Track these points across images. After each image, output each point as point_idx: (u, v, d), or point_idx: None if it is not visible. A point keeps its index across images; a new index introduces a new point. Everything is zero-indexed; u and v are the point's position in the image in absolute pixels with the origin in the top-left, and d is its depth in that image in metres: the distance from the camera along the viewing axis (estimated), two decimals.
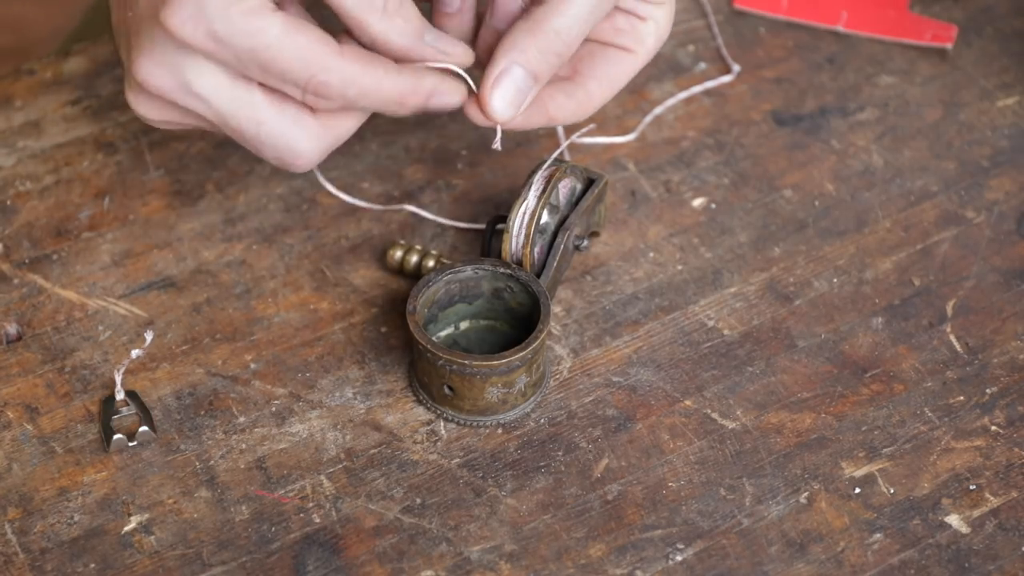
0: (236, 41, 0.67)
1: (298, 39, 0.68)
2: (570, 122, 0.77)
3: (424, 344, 0.73)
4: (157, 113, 0.72)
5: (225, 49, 0.67)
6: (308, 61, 0.68)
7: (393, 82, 0.70)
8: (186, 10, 0.66)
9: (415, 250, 0.80)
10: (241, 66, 0.68)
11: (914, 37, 0.95)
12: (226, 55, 0.68)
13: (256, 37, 0.67)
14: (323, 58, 0.68)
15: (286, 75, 0.68)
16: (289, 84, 0.69)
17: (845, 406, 0.77)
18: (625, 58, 0.78)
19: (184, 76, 0.69)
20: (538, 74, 0.73)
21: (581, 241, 0.79)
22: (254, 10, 0.67)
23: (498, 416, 0.75)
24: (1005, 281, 0.82)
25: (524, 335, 0.76)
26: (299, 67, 0.68)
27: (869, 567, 0.71)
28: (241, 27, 0.67)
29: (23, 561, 0.70)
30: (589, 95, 0.78)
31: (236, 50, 0.67)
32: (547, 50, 0.73)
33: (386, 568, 0.70)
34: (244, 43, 0.67)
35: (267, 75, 0.68)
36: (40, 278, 0.81)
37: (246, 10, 0.67)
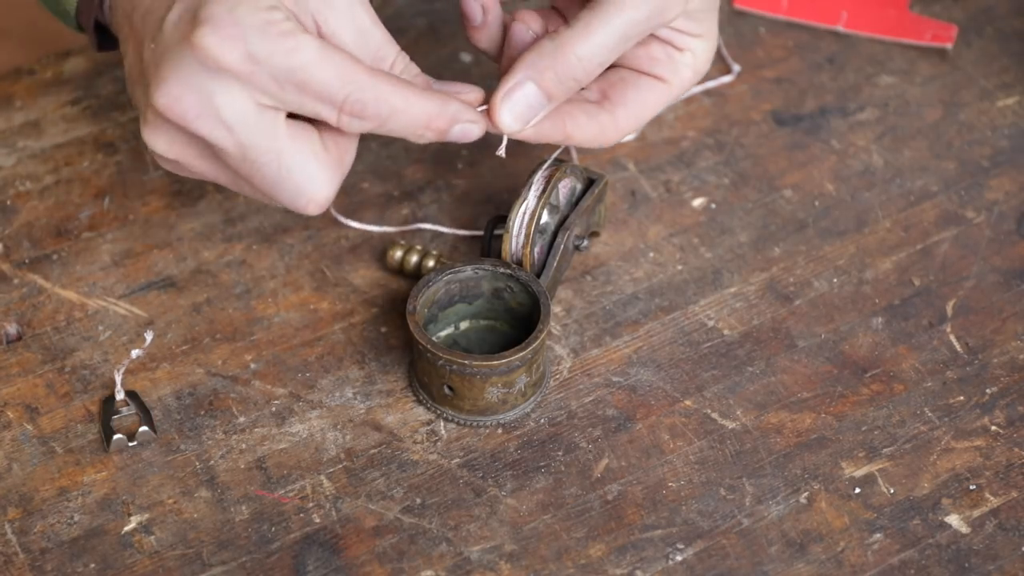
0: (274, 60, 0.67)
1: (335, 57, 0.68)
2: (590, 145, 0.76)
3: (424, 344, 0.73)
4: (174, 149, 0.71)
5: (262, 70, 0.67)
6: (345, 79, 0.68)
7: (423, 103, 0.70)
8: (223, 30, 0.67)
9: (415, 250, 0.80)
10: (276, 87, 0.68)
11: (914, 37, 0.95)
12: (262, 76, 0.68)
13: (294, 56, 0.67)
14: (359, 76, 0.69)
15: (323, 93, 0.68)
16: (325, 104, 0.69)
17: (845, 406, 0.77)
18: (657, 87, 0.77)
19: (211, 101, 0.68)
20: (552, 94, 0.73)
21: (581, 241, 0.79)
22: (290, 31, 0.68)
23: (498, 416, 0.75)
24: (1005, 281, 0.82)
25: (524, 335, 0.76)
26: (337, 85, 0.68)
27: (869, 567, 0.71)
28: (279, 46, 0.67)
29: (23, 561, 0.70)
30: (615, 121, 0.77)
31: (274, 70, 0.67)
32: (565, 74, 0.72)
33: (386, 568, 0.70)
34: (282, 62, 0.67)
35: (303, 95, 0.68)
36: (40, 278, 0.81)
37: (283, 31, 0.67)
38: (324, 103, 0.69)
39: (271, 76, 0.67)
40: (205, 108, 0.68)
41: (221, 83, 0.68)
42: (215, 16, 0.67)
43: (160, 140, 0.70)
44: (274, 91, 0.68)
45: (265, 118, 0.69)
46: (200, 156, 0.71)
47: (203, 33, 0.67)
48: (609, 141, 0.77)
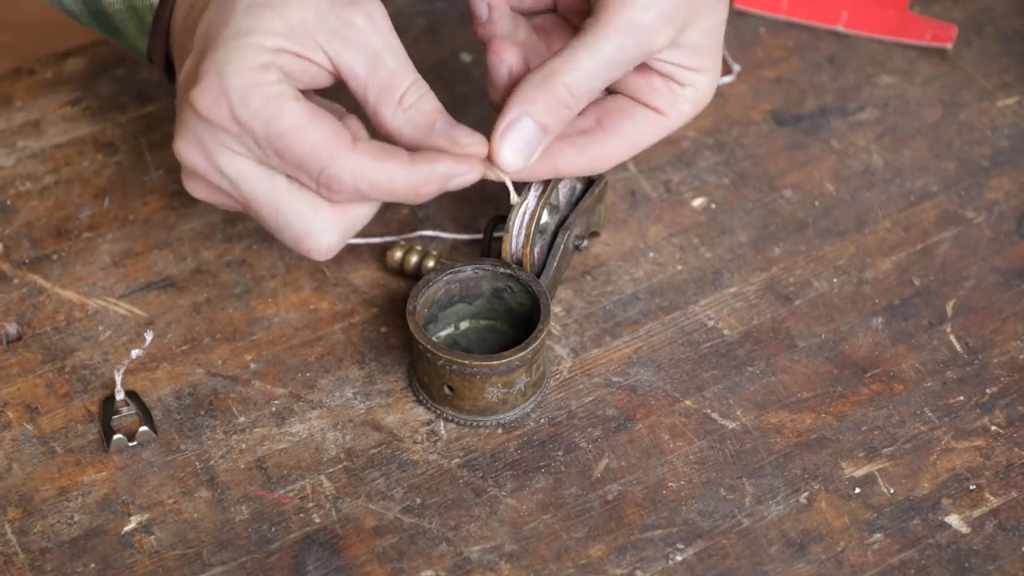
0: (255, 125, 0.68)
1: (311, 131, 0.68)
2: (582, 175, 0.77)
3: (424, 344, 0.73)
4: (203, 193, 0.72)
5: (245, 132, 0.68)
6: (319, 154, 0.69)
7: (406, 175, 0.70)
8: (212, 92, 0.68)
9: (415, 250, 0.80)
10: (259, 150, 0.69)
11: (914, 37, 0.95)
12: (247, 138, 0.69)
13: (272, 123, 0.68)
14: (334, 152, 0.69)
15: (299, 164, 0.69)
16: (303, 173, 0.70)
17: (845, 406, 0.77)
18: (654, 119, 0.77)
19: (212, 156, 0.70)
20: (547, 126, 0.72)
21: (581, 241, 0.79)
22: (274, 96, 0.68)
23: (498, 416, 0.75)
24: (1005, 281, 0.82)
25: (524, 335, 0.76)
26: (311, 159, 0.69)
27: (869, 567, 0.71)
28: (259, 111, 0.68)
29: (23, 561, 0.70)
30: (606, 151, 0.76)
31: (255, 134, 0.68)
32: (556, 103, 0.72)
33: (386, 568, 0.70)
34: (261, 128, 0.68)
35: (283, 162, 0.69)
36: (40, 278, 0.81)
37: (267, 95, 0.68)
38: (302, 172, 0.69)
39: (254, 139, 0.69)
40: (208, 162, 0.70)
41: (219, 139, 0.69)
42: (205, 76, 0.68)
43: (190, 184, 0.72)
44: (258, 153, 0.69)
45: (263, 173, 0.70)
46: (228, 199, 0.72)
47: (195, 94, 0.68)
48: (600, 170, 0.77)
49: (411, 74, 0.71)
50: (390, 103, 0.70)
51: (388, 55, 0.70)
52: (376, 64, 0.70)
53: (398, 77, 0.70)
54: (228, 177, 0.70)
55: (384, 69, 0.70)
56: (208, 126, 0.69)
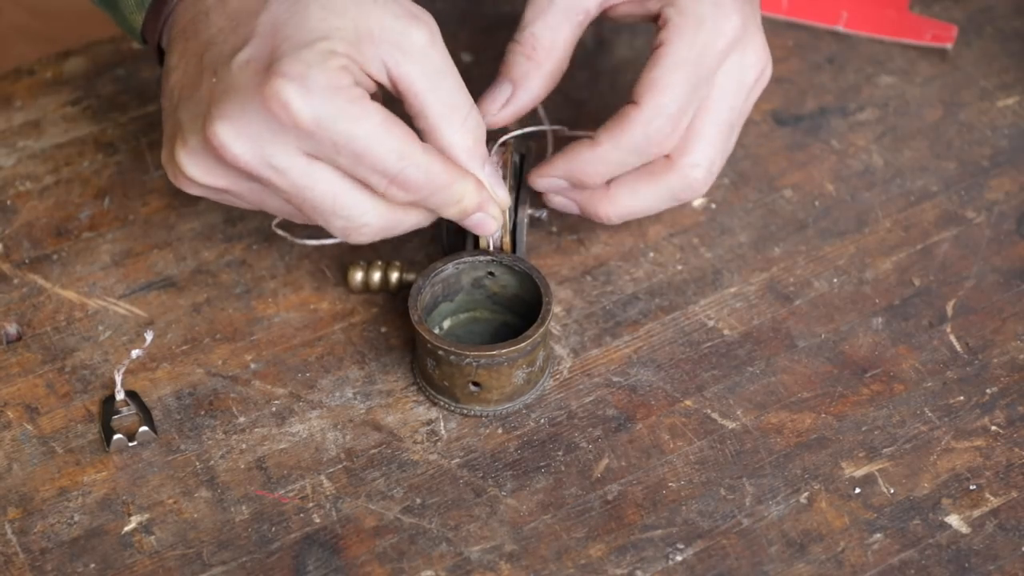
0: (339, 126, 0.69)
1: (395, 130, 0.70)
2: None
3: (446, 348, 0.73)
4: (209, 178, 0.72)
5: (325, 132, 0.69)
6: (403, 152, 0.70)
7: (463, 184, 0.73)
8: (296, 90, 0.68)
9: (376, 266, 0.80)
10: (334, 150, 0.70)
11: (914, 37, 0.94)
12: (323, 137, 0.69)
13: (358, 123, 0.69)
14: (415, 151, 0.71)
15: (378, 164, 0.70)
16: (377, 174, 0.71)
17: (845, 406, 0.77)
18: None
19: (264, 149, 0.70)
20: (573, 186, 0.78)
21: (541, 213, 0.80)
22: (357, 99, 0.69)
23: (524, 398, 0.75)
24: (1005, 281, 0.82)
25: (509, 316, 0.77)
26: (393, 158, 0.70)
27: (869, 567, 0.71)
28: (345, 112, 0.69)
29: (23, 561, 0.70)
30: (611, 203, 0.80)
31: (335, 134, 0.69)
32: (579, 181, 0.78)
33: (386, 568, 0.70)
34: (345, 128, 0.69)
35: (358, 162, 0.70)
36: (40, 278, 0.81)
37: (351, 97, 0.69)
38: (377, 173, 0.71)
39: (332, 139, 0.69)
40: (258, 154, 0.70)
41: (278, 135, 0.69)
42: (292, 73, 0.68)
43: (198, 167, 0.72)
44: (330, 153, 0.70)
45: (316, 164, 0.71)
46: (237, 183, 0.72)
47: (278, 87, 0.68)
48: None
49: (469, 97, 0.73)
50: (453, 123, 0.72)
51: (449, 74, 0.72)
52: (437, 81, 0.72)
53: (459, 97, 0.72)
54: (278, 169, 0.70)
55: (445, 87, 0.72)
56: (276, 124, 0.69)
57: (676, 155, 0.77)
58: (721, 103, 0.77)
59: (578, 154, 0.77)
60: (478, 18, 0.95)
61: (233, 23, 0.71)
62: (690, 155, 0.77)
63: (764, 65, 0.79)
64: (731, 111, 0.78)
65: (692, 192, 0.78)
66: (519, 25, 0.79)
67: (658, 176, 0.78)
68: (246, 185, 0.72)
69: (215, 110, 0.70)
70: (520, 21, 0.79)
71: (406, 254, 0.83)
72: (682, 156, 0.77)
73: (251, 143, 0.69)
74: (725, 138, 0.78)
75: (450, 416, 0.76)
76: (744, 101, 0.78)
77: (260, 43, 0.70)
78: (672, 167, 0.77)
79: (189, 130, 0.71)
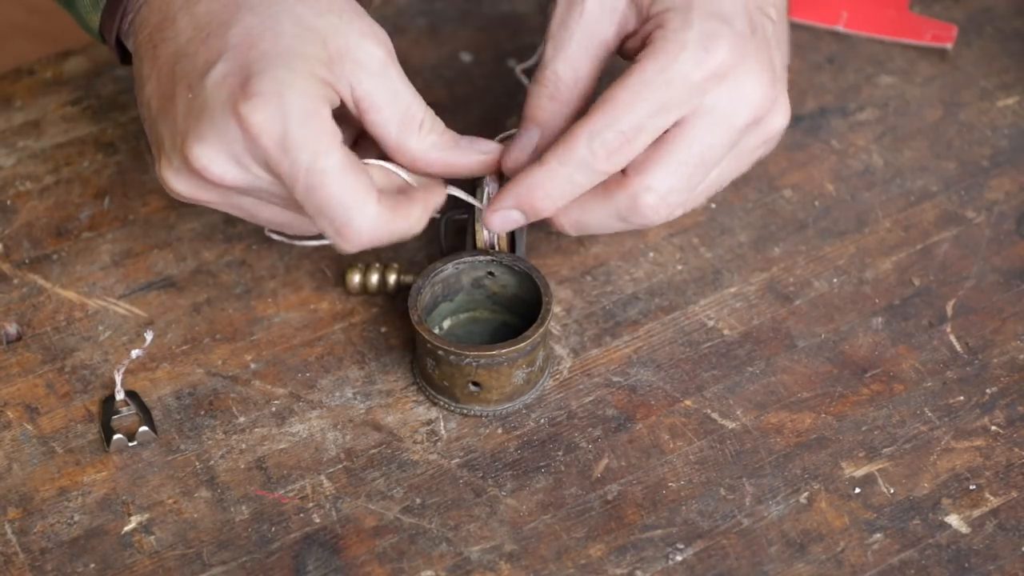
0: (301, 155, 0.68)
1: (352, 177, 0.69)
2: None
3: (446, 348, 0.73)
4: (198, 193, 0.72)
5: (286, 157, 0.68)
6: (350, 203, 0.69)
7: (411, 220, 0.72)
8: (268, 110, 0.68)
9: (374, 268, 0.80)
10: (291, 179, 0.69)
11: (914, 37, 0.94)
12: (283, 163, 0.69)
13: (319, 159, 0.69)
14: (365, 204, 0.70)
15: (326, 208, 0.69)
16: (325, 219, 0.70)
17: (845, 406, 0.77)
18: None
19: (248, 167, 0.70)
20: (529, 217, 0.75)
21: None
22: (328, 132, 0.69)
23: (524, 398, 0.75)
24: (1005, 281, 0.82)
25: (508, 316, 0.77)
26: (339, 207, 0.69)
27: (869, 567, 0.71)
28: (311, 142, 0.68)
29: (23, 561, 0.70)
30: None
31: (294, 163, 0.68)
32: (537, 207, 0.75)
33: (386, 568, 0.70)
34: (306, 160, 0.68)
35: (307, 198, 0.69)
36: (40, 278, 0.81)
37: (321, 130, 0.69)
38: (324, 217, 0.70)
39: (290, 168, 0.69)
40: (240, 173, 0.70)
41: (253, 154, 0.69)
42: (265, 94, 0.68)
43: (182, 184, 0.72)
44: (287, 181, 0.69)
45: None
46: (225, 196, 0.72)
47: (251, 108, 0.68)
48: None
49: (423, 103, 0.73)
50: (413, 131, 0.72)
51: (404, 87, 0.72)
52: (396, 96, 0.72)
53: (414, 107, 0.72)
54: (262, 177, 0.70)
55: (402, 100, 0.72)
56: (251, 143, 0.69)
57: (631, 173, 0.74)
58: (694, 134, 0.72)
59: (526, 177, 0.74)
60: (478, 18, 0.95)
61: (203, 33, 0.71)
62: (644, 177, 0.73)
63: (763, 111, 0.74)
64: (706, 146, 0.73)
65: (641, 217, 0.74)
66: (540, 64, 0.76)
67: (609, 192, 0.74)
68: (236, 198, 0.73)
69: (193, 132, 0.69)
70: (540, 60, 0.77)
71: (406, 255, 0.83)
72: (636, 175, 0.73)
73: (232, 162, 0.70)
74: (691, 172, 0.73)
75: (450, 416, 0.76)
76: (727, 141, 0.73)
77: (233, 58, 0.69)
78: (623, 185, 0.74)
79: (170, 149, 0.71)
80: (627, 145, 0.72)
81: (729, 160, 0.76)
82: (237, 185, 0.70)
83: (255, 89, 0.68)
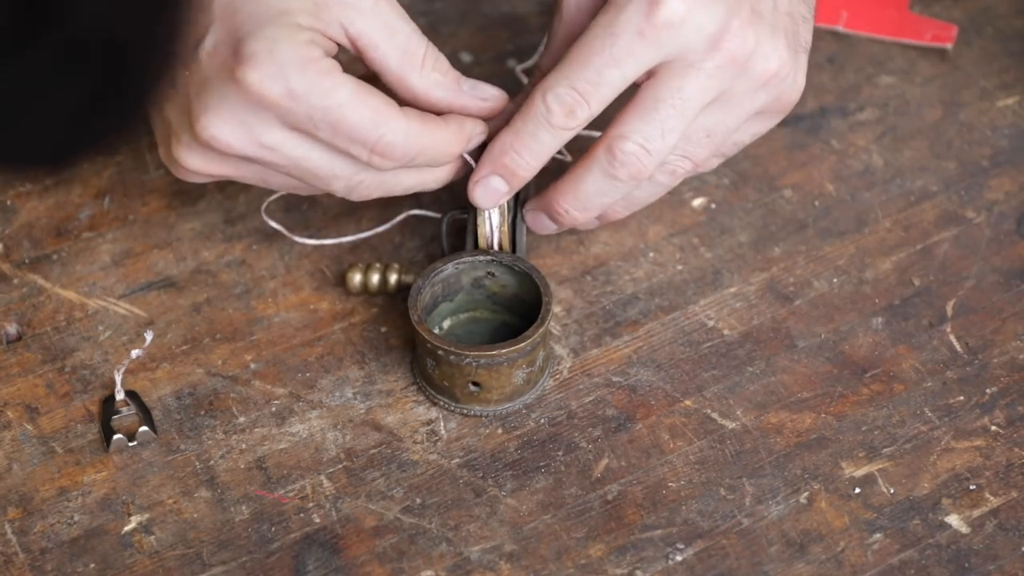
0: (312, 99, 0.70)
1: (368, 99, 0.71)
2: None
3: (446, 348, 0.73)
4: (212, 167, 0.74)
5: (300, 106, 0.70)
6: (377, 121, 0.71)
7: (444, 134, 0.74)
8: (265, 68, 0.69)
9: (374, 268, 0.80)
10: (311, 124, 0.71)
11: (914, 37, 0.94)
12: (299, 112, 0.70)
13: (330, 96, 0.70)
14: (389, 118, 0.71)
15: (355, 134, 0.71)
16: (356, 144, 0.71)
17: (845, 406, 0.77)
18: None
19: (253, 131, 0.71)
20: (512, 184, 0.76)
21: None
22: (328, 71, 0.70)
23: (524, 398, 0.75)
24: (1005, 281, 0.82)
25: (508, 316, 0.77)
26: (369, 126, 0.71)
27: (869, 567, 0.71)
28: (317, 86, 0.70)
29: (23, 561, 0.70)
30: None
31: (310, 108, 0.70)
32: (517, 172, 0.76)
33: (386, 568, 0.70)
34: (318, 101, 0.70)
35: (335, 134, 0.71)
36: (40, 278, 0.81)
37: (321, 70, 0.70)
38: (355, 143, 0.71)
39: (307, 113, 0.70)
40: (248, 138, 0.71)
41: (262, 115, 0.70)
42: (257, 54, 0.69)
43: (196, 159, 0.73)
44: (308, 127, 0.71)
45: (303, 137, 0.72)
46: (237, 168, 0.74)
47: (246, 70, 0.69)
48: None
49: (424, 38, 0.74)
50: (415, 67, 0.73)
51: (401, 22, 0.73)
52: (392, 32, 0.72)
53: (414, 41, 0.73)
54: (271, 147, 0.72)
55: (401, 35, 0.73)
56: (255, 104, 0.70)
57: (607, 127, 0.75)
58: (660, 80, 0.73)
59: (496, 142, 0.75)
60: (478, 18, 0.95)
61: None
62: (617, 126, 0.74)
63: (736, 50, 0.73)
64: (674, 90, 0.73)
65: (626, 168, 0.74)
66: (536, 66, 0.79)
67: (592, 152, 0.75)
68: (247, 167, 0.74)
69: (197, 105, 0.71)
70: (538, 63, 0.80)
71: (406, 254, 0.83)
72: (610, 128, 0.74)
73: (239, 129, 0.71)
74: (664, 117, 0.73)
75: (450, 416, 0.76)
76: (698, 84, 0.73)
77: (221, 27, 0.71)
78: (600, 139, 0.75)
79: (180, 127, 0.73)
80: (582, 101, 0.73)
81: (722, 109, 0.75)
82: (246, 153, 0.72)
83: (246, 51, 0.69)
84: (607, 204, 0.77)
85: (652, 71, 0.73)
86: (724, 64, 0.73)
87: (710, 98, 0.74)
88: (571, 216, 0.77)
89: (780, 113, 0.77)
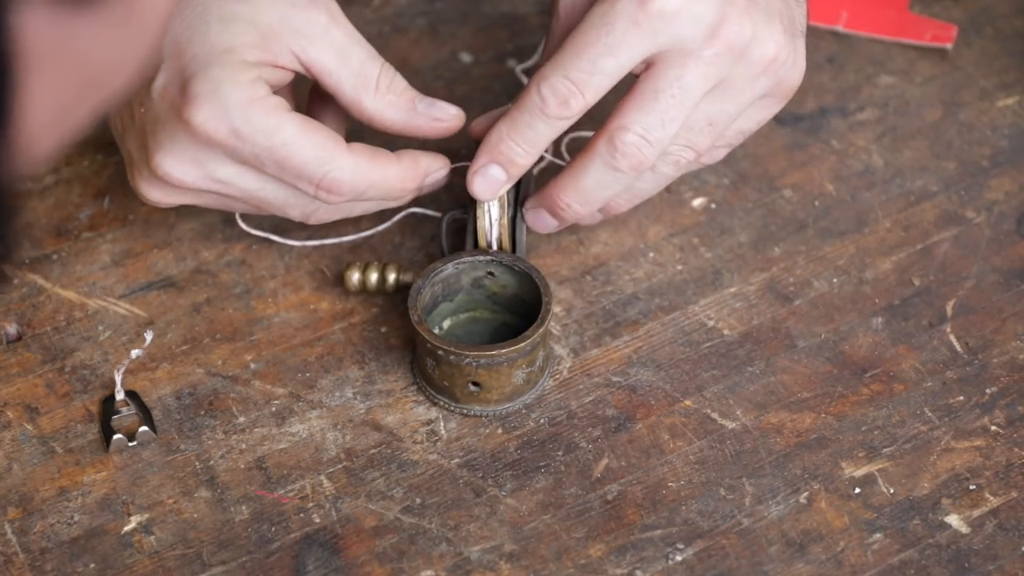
0: (257, 139, 0.71)
1: (314, 137, 0.72)
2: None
3: (446, 348, 0.73)
4: (173, 198, 0.76)
5: (245, 145, 0.71)
6: (323, 158, 0.72)
7: (396, 170, 0.75)
8: (210, 109, 0.70)
9: (373, 266, 0.80)
10: (259, 161, 0.72)
11: (914, 37, 0.94)
12: (246, 151, 0.71)
13: (275, 135, 0.71)
14: (336, 155, 0.72)
15: (301, 171, 0.72)
16: (303, 180, 0.73)
17: (845, 406, 0.77)
18: None
19: (206, 167, 0.73)
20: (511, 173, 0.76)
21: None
22: (272, 109, 0.71)
23: (524, 398, 0.75)
24: (1005, 281, 0.82)
25: (508, 316, 0.78)
26: (314, 164, 0.72)
27: (869, 567, 0.71)
28: (260, 125, 0.71)
29: (23, 561, 0.70)
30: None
31: (255, 147, 0.71)
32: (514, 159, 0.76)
33: (386, 568, 0.70)
34: (263, 140, 0.71)
35: (283, 171, 0.72)
36: (40, 278, 0.81)
37: (265, 109, 0.71)
38: (302, 179, 0.73)
39: (253, 152, 0.72)
40: (201, 174, 0.73)
41: (211, 153, 0.72)
42: (201, 95, 0.70)
43: (156, 192, 0.75)
44: (256, 164, 0.72)
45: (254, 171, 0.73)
46: (198, 198, 0.76)
47: (192, 111, 0.71)
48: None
49: (379, 60, 0.74)
50: (368, 90, 0.74)
51: (354, 47, 0.74)
52: (345, 56, 0.73)
53: (368, 65, 0.74)
54: (224, 181, 0.73)
55: (354, 59, 0.74)
56: (203, 143, 0.71)
57: (607, 119, 0.74)
58: (659, 69, 0.73)
59: (494, 131, 0.75)
60: (478, 18, 0.95)
61: None
62: (617, 117, 0.74)
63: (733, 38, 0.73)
64: (672, 79, 0.72)
65: (627, 159, 0.74)
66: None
67: (593, 143, 0.75)
68: (207, 196, 0.75)
69: (151, 143, 0.73)
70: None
71: (405, 254, 0.83)
72: (610, 119, 0.74)
73: (191, 165, 0.72)
74: (664, 107, 0.73)
75: (450, 416, 0.76)
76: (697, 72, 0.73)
77: (169, 67, 0.72)
78: (601, 131, 0.74)
79: (139, 161, 0.75)
80: (576, 90, 0.73)
81: (723, 96, 0.75)
82: (200, 187, 0.73)
83: (192, 92, 0.71)
84: (609, 197, 0.77)
85: (650, 61, 0.73)
86: (722, 52, 0.73)
87: (709, 86, 0.74)
88: (573, 210, 0.77)
89: (783, 98, 0.77)
